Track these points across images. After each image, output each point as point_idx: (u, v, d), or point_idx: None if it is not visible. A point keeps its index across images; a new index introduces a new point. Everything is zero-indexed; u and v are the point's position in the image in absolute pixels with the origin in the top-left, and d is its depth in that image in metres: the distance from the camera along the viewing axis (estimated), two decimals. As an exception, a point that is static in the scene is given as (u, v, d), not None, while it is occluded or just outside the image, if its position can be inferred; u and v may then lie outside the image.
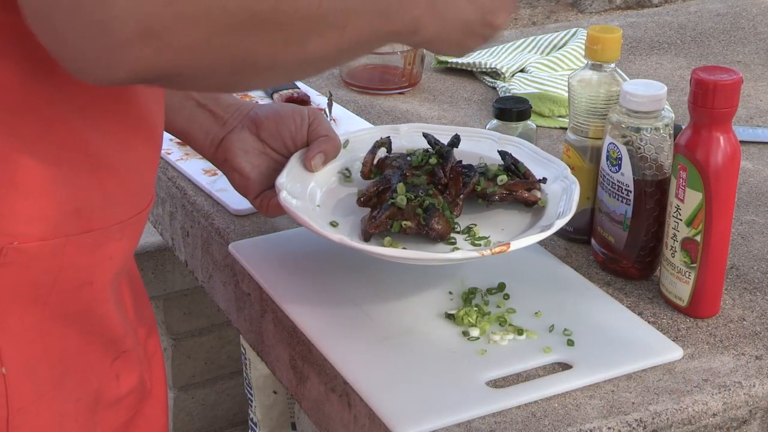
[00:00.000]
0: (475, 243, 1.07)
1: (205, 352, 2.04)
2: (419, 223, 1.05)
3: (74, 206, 0.82)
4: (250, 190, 1.12)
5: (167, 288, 1.96)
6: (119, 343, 0.92)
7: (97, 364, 0.90)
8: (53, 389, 0.86)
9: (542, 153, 1.17)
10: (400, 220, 1.05)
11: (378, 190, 1.09)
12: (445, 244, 1.06)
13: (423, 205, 1.06)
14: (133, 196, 0.89)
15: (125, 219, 0.88)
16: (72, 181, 0.81)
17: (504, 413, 0.94)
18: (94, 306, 0.88)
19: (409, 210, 1.06)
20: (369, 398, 0.95)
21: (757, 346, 1.03)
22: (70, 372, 0.87)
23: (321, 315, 1.06)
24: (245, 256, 1.16)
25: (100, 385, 0.90)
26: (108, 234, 0.86)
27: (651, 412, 0.94)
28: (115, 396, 0.93)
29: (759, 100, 1.63)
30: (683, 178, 1.04)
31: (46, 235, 0.80)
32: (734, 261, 1.17)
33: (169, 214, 1.39)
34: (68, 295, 0.84)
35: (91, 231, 0.84)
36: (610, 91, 1.14)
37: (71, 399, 0.87)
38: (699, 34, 1.91)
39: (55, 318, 0.84)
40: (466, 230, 1.09)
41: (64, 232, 0.81)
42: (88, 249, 0.84)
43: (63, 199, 0.81)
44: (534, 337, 1.02)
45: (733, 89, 1.01)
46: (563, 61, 1.68)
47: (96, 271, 0.86)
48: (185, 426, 2.07)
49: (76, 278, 0.84)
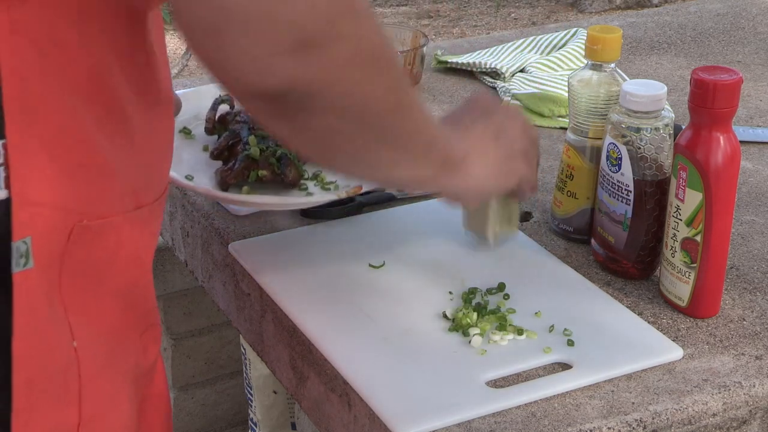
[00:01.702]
0: (324, 187, 1.16)
1: (205, 352, 2.04)
2: (274, 172, 1.14)
3: (126, 184, 0.85)
4: None
5: (167, 288, 1.95)
6: (149, 316, 0.95)
7: (132, 336, 0.92)
8: (108, 362, 0.88)
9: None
10: (256, 170, 1.14)
11: (229, 143, 1.17)
12: (298, 191, 1.15)
13: (276, 154, 1.15)
14: (163, 175, 0.93)
15: (161, 195, 0.91)
16: (121, 161, 0.84)
17: (504, 413, 0.94)
18: (142, 281, 0.91)
19: (263, 159, 1.15)
20: (369, 398, 0.95)
21: (757, 346, 1.03)
22: (119, 346, 0.89)
23: (321, 315, 1.06)
24: (245, 256, 1.16)
25: (137, 358, 0.93)
26: (152, 210, 0.89)
27: (651, 412, 0.94)
28: (146, 367, 0.95)
29: (759, 100, 1.63)
30: (683, 178, 1.04)
31: (107, 213, 0.83)
32: (734, 261, 1.17)
33: (169, 214, 1.39)
34: (123, 271, 0.87)
35: (141, 207, 0.87)
36: (610, 91, 1.14)
37: (120, 371, 0.89)
38: (699, 34, 1.91)
39: (111, 294, 0.86)
40: (313, 177, 1.19)
41: (122, 209, 0.84)
42: (140, 225, 0.87)
43: (115, 179, 0.83)
44: (534, 337, 1.02)
45: (733, 89, 1.01)
46: (563, 61, 1.68)
47: (145, 247, 0.90)
48: (185, 426, 2.07)
49: (131, 254, 0.87)
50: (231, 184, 1.14)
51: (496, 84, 1.64)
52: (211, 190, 1.10)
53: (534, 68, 1.66)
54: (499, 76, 1.66)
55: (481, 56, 1.72)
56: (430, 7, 5.92)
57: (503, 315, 1.05)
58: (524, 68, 1.67)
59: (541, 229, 1.23)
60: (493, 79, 1.66)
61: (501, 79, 1.65)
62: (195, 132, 1.25)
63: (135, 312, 0.91)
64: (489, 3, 5.93)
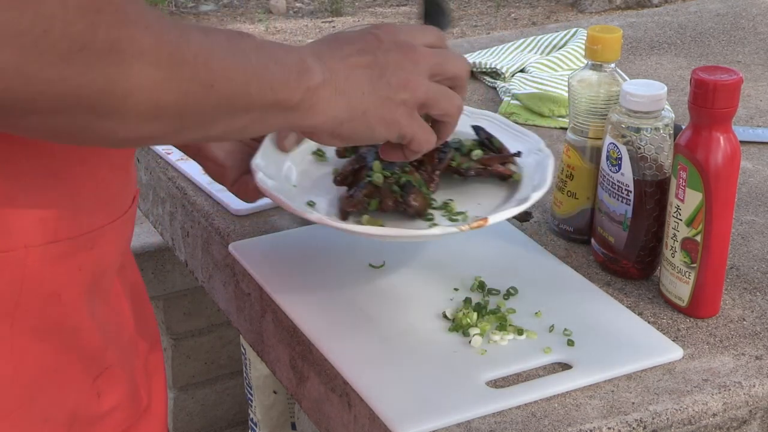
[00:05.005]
0: (452, 218, 1.07)
1: (205, 352, 2.04)
2: (396, 200, 1.05)
3: (36, 217, 0.79)
4: (227, 177, 1.10)
5: (167, 288, 1.96)
6: (100, 359, 0.88)
7: (76, 382, 0.86)
8: (20, 408, 0.82)
9: (515, 126, 1.17)
10: (378, 197, 1.05)
11: (354, 168, 1.09)
12: (423, 221, 1.06)
13: (399, 182, 1.06)
14: (105, 205, 0.86)
15: (95, 228, 0.84)
16: (32, 191, 0.79)
17: (504, 413, 0.94)
18: (65, 319, 0.83)
19: (386, 187, 1.06)
20: (369, 398, 0.95)
21: (757, 346, 1.03)
22: (43, 391, 0.83)
23: (321, 315, 1.06)
24: (245, 256, 1.16)
25: (78, 404, 0.86)
26: (75, 244, 0.82)
27: (651, 412, 0.94)
28: (95, 414, 0.88)
29: (759, 100, 1.63)
30: (683, 178, 1.04)
31: (6, 247, 0.77)
32: (734, 261, 1.17)
33: (169, 214, 1.39)
34: (36, 309, 0.81)
35: (56, 241, 0.80)
36: (610, 91, 1.14)
37: (39, 419, 0.83)
38: (699, 34, 1.91)
39: (26, 334, 0.81)
40: (442, 206, 1.09)
41: (24, 243, 0.78)
42: (53, 259, 0.81)
43: (23, 210, 0.78)
44: (534, 337, 1.02)
45: (733, 89, 1.01)
46: (563, 61, 1.68)
47: (64, 282, 0.82)
48: (185, 426, 2.07)
49: (42, 290, 0.81)
50: (350, 213, 1.06)
51: (496, 84, 1.64)
52: (324, 219, 1.01)
53: (534, 68, 1.66)
54: (499, 76, 1.66)
55: (481, 56, 1.72)
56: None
57: (503, 315, 1.05)
58: (524, 68, 1.67)
59: (541, 229, 1.24)
60: (493, 79, 1.67)
61: (501, 79, 1.65)
62: (328, 155, 1.16)
63: (74, 354, 0.85)
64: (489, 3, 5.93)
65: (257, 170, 1.05)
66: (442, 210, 1.08)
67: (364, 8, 5.99)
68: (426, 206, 1.06)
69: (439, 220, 1.06)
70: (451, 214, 1.08)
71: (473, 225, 0.99)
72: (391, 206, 1.05)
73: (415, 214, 1.05)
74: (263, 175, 1.05)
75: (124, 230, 0.90)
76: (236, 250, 1.18)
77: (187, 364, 2.03)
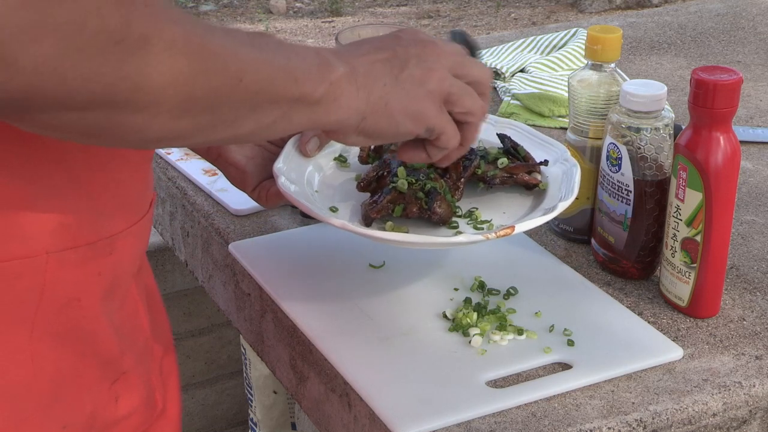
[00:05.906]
0: (477, 226, 1.05)
1: (205, 352, 2.04)
2: (421, 207, 1.04)
3: (56, 222, 0.79)
4: (248, 182, 1.09)
5: (167, 288, 1.96)
6: (117, 364, 0.88)
7: (94, 386, 0.86)
8: (39, 413, 0.82)
9: (541, 135, 1.16)
10: (402, 204, 1.04)
11: (378, 174, 1.08)
12: (447, 228, 1.05)
13: (424, 188, 1.05)
14: (124, 210, 0.86)
15: (114, 233, 0.84)
16: (52, 196, 0.79)
17: (504, 413, 0.94)
18: (84, 324, 0.83)
19: (411, 194, 1.04)
20: (369, 398, 0.95)
21: (757, 346, 1.03)
22: (62, 395, 0.83)
23: (321, 315, 1.06)
24: (245, 256, 1.16)
25: (96, 409, 0.86)
26: (95, 249, 0.82)
27: (651, 412, 0.94)
28: (112, 418, 0.88)
29: (759, 100, 1.63)
30: (683, 178, 1.04)
31: (27, 253, 0.77)
32: (734, 261, 1.17)
33: (169, 214, 1.39)
34: (55, 314, 0.81)
35: (76, 247, 0.80)
36: (610, 91, 1.14)
37: (57, 424, 0.84)
38: (699, 34, 1.91)
39: (45, 339, 0.81)
40: (467, 214, 1.08)
41: (44, 249, 0.78)
42: (73, 265, 0.81)
43: (43, 216, 0.78)
44: (534, 337, 1.02)
45: (733, 89, 1.01)
46: (563, 61, 1.68)
47: (83, 287, 0.82)
48: (185, 426, 2.07)
49: (61, 296, 0.81)
50: (374, 219, 1.04)
51: (496, 84, 1.64)
52: (348, 225, 0.99)
53: (534, 68, 1.66)
54: (499, 76, 1.66)
55: (481, 56, 1.72)
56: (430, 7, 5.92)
57: (503, 315, 1.05)
58: (524, 68, 1.67)
59: (541, 229, 1.23)
60: (493, 79, 1.67)
61: (501, 79, 1.65)
62: (350, 161, 1.15)
63: (92, 359, 0.85)
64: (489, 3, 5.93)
65: (279, 174, 1.04)
66: (467, 218, 1.07)
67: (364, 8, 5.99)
68: (451, 214, 1.05)
69: (464, 228, 1.05)
70: (476, 222, 1.06)
71: (500, 233, 0.98)
72: (416, 213, 1.04)
73: (439, 221, 1.04)
74: (285, 179, 1.04)
75: (142, 234, 0.89)
76: (236, 250, 1.18)
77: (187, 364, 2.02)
